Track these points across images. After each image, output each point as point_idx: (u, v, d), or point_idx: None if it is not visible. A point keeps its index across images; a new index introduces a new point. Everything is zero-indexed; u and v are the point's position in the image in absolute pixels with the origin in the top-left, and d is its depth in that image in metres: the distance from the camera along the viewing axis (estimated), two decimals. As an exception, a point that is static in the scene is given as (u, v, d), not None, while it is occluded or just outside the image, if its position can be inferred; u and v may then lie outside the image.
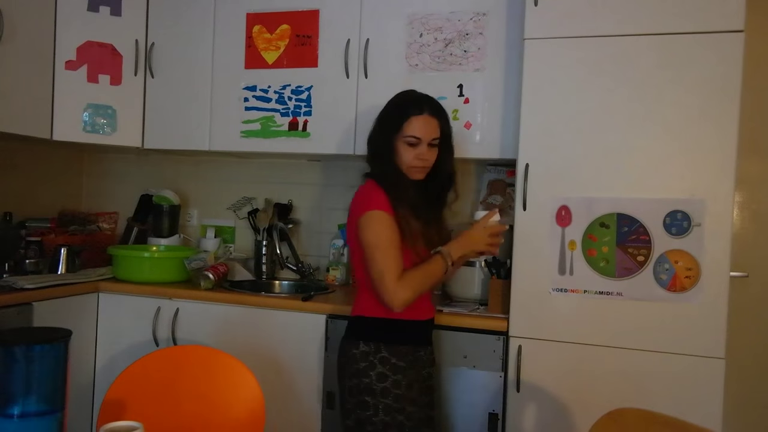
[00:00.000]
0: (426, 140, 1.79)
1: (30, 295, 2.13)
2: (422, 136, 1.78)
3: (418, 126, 1.78)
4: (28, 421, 0.96)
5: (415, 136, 1.78)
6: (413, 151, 1.79)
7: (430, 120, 1.80)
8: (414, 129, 1.78)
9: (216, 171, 3.03)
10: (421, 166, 1.81)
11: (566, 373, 1.98)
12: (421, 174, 1.83)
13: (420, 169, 1.82)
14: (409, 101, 1.84)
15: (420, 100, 1.83)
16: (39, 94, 2.45)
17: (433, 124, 1.80)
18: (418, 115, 1.79)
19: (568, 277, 1.97)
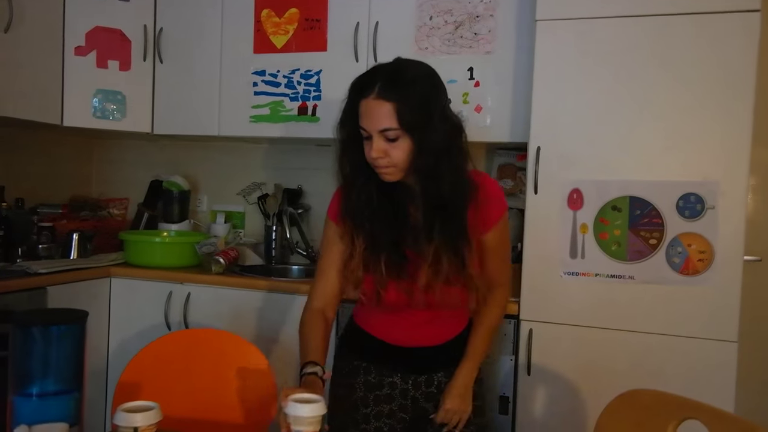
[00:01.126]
0: (374, 131, 1.31)
1: (43, 279, 2.15)
2: (368, 125, 1.32)
3: (365, 111, 1.32)
4: (46, 401, 0.98)
5: (363, 127, 1.33)
6: (366, 146, 1.35)
7: (380, 105, 1.29)
8: (361, 117, 1.34)
9: (225, 156, 3.03)
10: (382, 165, 1.33)
11: (577, 357, 1.98)
12: (390, 176, 1.35)
13: (382, 171, 1.35)
14: (360, 78, 1.37)
15: (371, 77, 1.34)
16: (49, 80, 2.46)
17: (381, 109, 1.29)
18: (365, 98, 1.32)
19: (580, 260, 1.96)
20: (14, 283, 2.05)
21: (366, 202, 1.40)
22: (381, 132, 1.31)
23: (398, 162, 1.33)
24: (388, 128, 1.30)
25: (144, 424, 1.06)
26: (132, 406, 1.09)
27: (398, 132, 1.31)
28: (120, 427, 1.06)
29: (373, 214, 1.40)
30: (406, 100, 1.30)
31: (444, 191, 1.34)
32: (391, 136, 1.31)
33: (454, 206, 1.36)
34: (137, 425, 1.05)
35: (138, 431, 1.05)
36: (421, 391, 1.54)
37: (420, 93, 1.32)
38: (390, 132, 1.31)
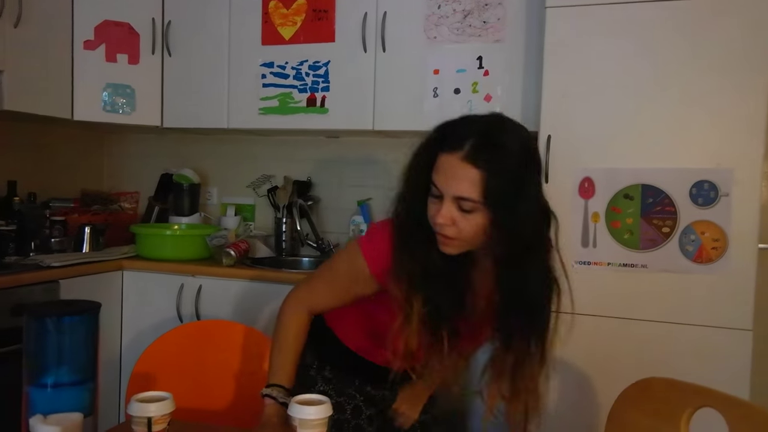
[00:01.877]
0: (449, 195, 1.11)
1: (56, 272, 2.17)
2: (443, 187, 1.11)
3: (444, 169, 1.11)
4: (61, 391, 0.98)
5: (435, 183, 1.13)
6: (435, 206, 1.14)
7: (465, 168, 1.08)
8: (437, 174, 1.13)
9: (235, 149, 3.03)
10: (444, 234, 1.14)
11: (590, 346, 1.96)
12: (448, 248, 1.16)
13: (443, 240, 1.15)
14: (450, 128, 1.16)
15: (462, 129, 1.12)
16: (59, 75, 2.47)
17: (467, 174, 1.08)
18: (450, 153, 1.10)
19: (592, 249, 1.95)
20: (27, 277, 2.06)
21: (426, 267, 1.18)
22: (456, 198, 1.11)
23: (465, 237, 1.13)
24: (467, 198, 1.10)
25: (158, 414, 1.06)
26: (146, 397, 1.10)
27: (476, 205, 1.10)
28: (134, 417, 1.07)
29: (435, 281, 1.18)
30: (497, 172, 1.08)
31: (528, 291, 1.17)
32: (466, 207, 1.11)
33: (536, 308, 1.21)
34: (151, 415, 1.06)
35: (152, 421, 1.05)
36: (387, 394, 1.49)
37: (516, 167, 1.09)
38: (466, 203, 1.10)
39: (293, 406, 1.09)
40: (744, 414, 1.02)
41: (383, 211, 2.80)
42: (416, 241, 1.18)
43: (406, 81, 2.39)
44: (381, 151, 2.82)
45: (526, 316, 1.18)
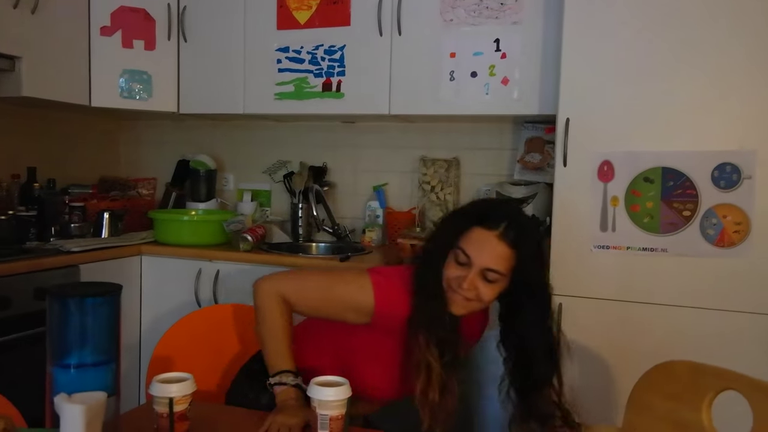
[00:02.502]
0: (478, 265, 1.27)
1: (76, 257, 2.19)
2: (475, 256, 1.27)
3: (478, 241, 1.28)
4: (84, 371, 0.99)
5: (466, 252, 1.28)
6: (457, 271, 1.29)
7: (499, 244, 1.26)
8: (468, 243, 1.28)
9: (251, 135, 3.04)
10: (462, 295, 1.29)
11: (608, 331, 1.95)
12: (459, 307, 1.31)
13: (461, 301, 1.30)
14: (487, 208, 1.35)
15: (500, 214, 1.31)
16: (76, 61, 2.48)
17: (501, 250, 1.26)
18: (485, 230, 1.28)
19: (611, 233, 1.93)
20: (48, 261, 2.09)
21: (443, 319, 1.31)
22: (485, 270, 1.27)
23: (482, 301, 1.30)
24: (496, 271, 1.27)
25: (179, 394, 1.08)
26: (167, 377, 1.11)
27: (501, 278, 1.28)
28: (156, 397, 1.08)
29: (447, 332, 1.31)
30: (525, 253, 1.28)
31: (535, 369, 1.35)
32: (491, 277, 1.27)
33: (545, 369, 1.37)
34: (172, 395, 1.07)
35: (173, 401, 1.07)
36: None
37: (540, 254, 1.35)
38: (493, 274, 1.27)
39: (313, 387, 1.10)
40: (767, 397, 1.01)
41: (399, 196, 2.80)
42: (436, 296, 1.30)
43: (422, 65, 2.37)
44: (396, 136, 2.80)
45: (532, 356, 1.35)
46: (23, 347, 1.94)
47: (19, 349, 1.94)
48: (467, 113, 2.36)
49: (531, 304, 1.32)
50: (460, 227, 1.31)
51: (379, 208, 2.79)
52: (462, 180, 2.72)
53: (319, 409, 1.08)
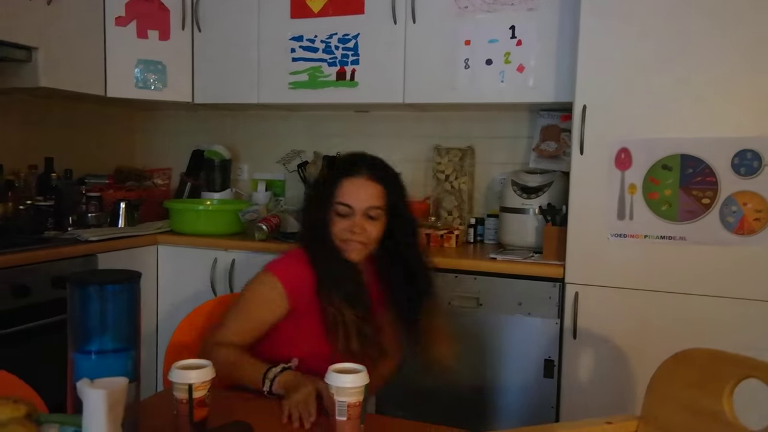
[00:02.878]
0: (360, 208, 1.41)
1: (94, 247, 2.21)
2: (354, 203, 1.41)
3: (352, 189, 1.42)
4: (104, 358, 1.00)
5: (345, 203, 1.41)
6: (344, 222, 1.43)
7: (369, 184, 1.42)
8: (345, 194, 1.42)
9: (265, 125, 3.04)
10: (356, 240, 1.42)
11: (625, 320, 1.94)
12: (358, 253, 1.44)
13: (355, 246, 1.43)
14: (346, 161, 1.50)
15: (359, 160, 1.47)
16: (92, 51, 2.49)
17: (372, 189, 1.42)
18: (353, 177, 1.42)
19: (628, 222, 1.91)
20: (67, 250, 2.11)
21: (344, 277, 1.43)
22: (368, 209, 1.42)
23: (371, 240, 1.44)
24: (376, 207, 1.43)
25: (198, 381, 1.08)
26: (186, 364, 1.12)
27: (380, 213, 1.44)
28: (175, 384, 1.09)
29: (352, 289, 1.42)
30: (391, 187, 1.46)
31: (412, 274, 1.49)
32: (373, 214, 1.43)
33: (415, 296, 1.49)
34: (192, 382, 1.08)
35: (192, 388, 1.07)
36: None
37: (401, 185, 1.50)
38: (375, 211, 1.43)
39: (330, 374, 1.10)
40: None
41: (413, 185, 2.79)
42: (332, 258, 1.43)
43: (437, 53, 2.36)
44: (410, 125, 2.79)
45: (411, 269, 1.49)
46: (42, 335, 1.97)
47: (38, 336, 1.96)
48: (482, 101, 2.35)
49: (402, 229, 1.48)
50: (330, 187, 1.44)
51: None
52: (477, 169, 2.70)
53: (336, 395, 1.09)
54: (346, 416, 1.08)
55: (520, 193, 2.32)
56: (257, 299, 1.45)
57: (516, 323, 2.08)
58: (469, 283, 2.13)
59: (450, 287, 2.15)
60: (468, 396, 2.14)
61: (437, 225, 2.51)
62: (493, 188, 2.68)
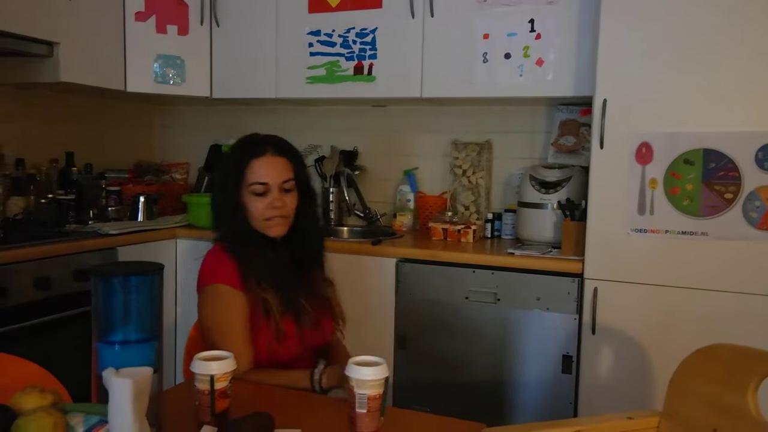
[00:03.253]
0: (275, 184, 1.46)
1: (114, 240, 2.23)
2: (269, 179, 1.45)
3: (262, 169, 1.46)
4: (128, 348, 1.01)
5: (260, 182, 1.45)
6: (263, 201, 1.46)
7: (277, 160, 1.48)
8: (257, 174, 1.46)
9: (282, 119, 3.05)
10: (278, 215, 1.47)
11: (645, 316, 1.92)
12: (281, 227, 1.49)
13: (279, 221, 1.48)
14: (247, 144, 1.53)
15: (261, 141, 1.52)
16: (112, 47, 2.51)
17: (281, 164, 1.48)
18: (260, 157, 1.46)
19: (648, 217, 1.89)
20: (88, 243, 2.13)
21: (268, 260, 1.47)
22: (283, 182, 1.47)
23: (290, 212, 1.49)
24: (289, 179, 1.48)
25: (219, 372, 1.09)
26: (208, 356, 1.13)
27: (293, 183, 1.49)
28: (197, 375, 1.10)
29: (277, 269, 1.47)
30: (298, 160, 1.54)
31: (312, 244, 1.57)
32: (288, 187, 1.48)
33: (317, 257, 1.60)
34: (213, 373, 1.09)
35: (214, 379, 1.08)
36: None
37: (301, 157, 1.57)
38: (288, 183, 1.48)
39: (351, 366, 1.10)
40: (817, 382, 0.98)
41: (430, 180, 2.78)
42: (252, 245, 1.46)
43: (455, 47, 2.35)
44: (428, 120, 2.79)
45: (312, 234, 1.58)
46: (64, 327, 1.99)
47: (60, 328, 1.99)
48: (501, 96, 2.33)
49: (306, 198, 1.54)
50: (240, 171, 1.47)
51: (410, 192, 2.79)
52: (494, 164, 2.69)
53: (357, 388, 1.09)
54: (366, 408, 1.09)
55: (538, 188, 2.31)
56: (231, 313, 1.43)
57: (534, 318, 2.07)
58: (487, 278, 2.12)
59: (467, 282, 2.14)
60: (485, 391, 2.14)
61: (454, 220, 2.50)
62: (511, 183, 2.66)
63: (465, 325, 2.15)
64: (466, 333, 2.15)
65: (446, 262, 2.18)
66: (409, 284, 2.22)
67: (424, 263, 2.20)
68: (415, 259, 2.22)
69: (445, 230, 2.43)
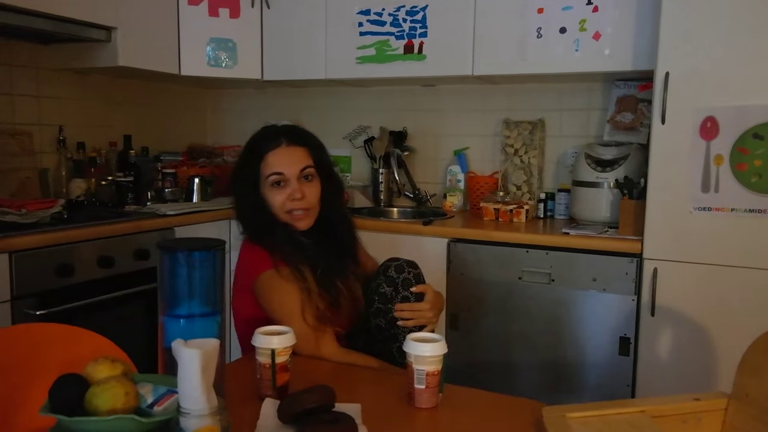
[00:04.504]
0: (293, 174, 1.43)
1: (172, 220, 2.29)
2: (285, 169, 1.43)
3: (277, 159, 1.43)
4: (192, 322, 1.03)
5: (276, 171, 1.42)
6: (283, 192, 1.44)
7: (293, 149, 1.44)
8: (273, 165, 1.43)
9: (331, 101, 3.05)
10: (301, 207, 1.44)
11: (708, 297, 1.86)
12: (306, 220, 1.46)
13: (302, 214, 1.45)
14: (261, 138, 1.49)
15: (274, 132, 1.48)
16: (166, 31, 2.55)
17: (297, 153, 1.45)
18: (275, 149, 1.43)
19: (713, 194, 1.82)
20: (147, 224, 2.19)
21: (300, 245, 1.45)
22: (301, 171, 1.44)
23: (313, 203, 1.46)
24: (308, 166, 1.45)
25: (280, 346, 1.11)
26: (269, 330, 1.15)
27: (313, 171, 1.47)
28: (258, 348, 1.12)
29: (311, 254, 1.45)
30: (313, 146, 1.49)
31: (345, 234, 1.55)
32: (307, 174, 1.45)
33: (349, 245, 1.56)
34: (274, 347, 1.10)
35: (275, 352, 1.10)
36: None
37: (320, 143, 1.53)
38: (308, 170, 1.45)
39: (409, 342, 1.10)
40: None
41: (481, 160, 2.74)
42: (280, 234, 1.44)
43: (508, 22, 2.29)
44: (478, 99, 2.75)
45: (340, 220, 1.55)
46: (126, 304, 2.06)
47: (122, 305, 2.06)
48: (555, 72, 2.28)
49: (330, 185, 1.51)
50: (255, 167, 1.44)
51: (461, 172, 2.76)
52: (547, 142, 2.64)
53: (415, 364, 1.09)
54: (425, 384, 1.09)
55: (594, 166, 2.25)
56: (283, 297, 1.41)
57: (590, 299, 2.03)
58: (541, 258, 2.09)
59: (520, 262, 2.11)
60: (540, 373, 2.11)
61: (506, 200, 2.47)
62: (564, 162, 2.61)
63: (518, 305, 2.13)
64: (519, 313, 2.13)
65: (499, 242, 2.15)
66: (460, 264, 2.21)
67: (476, 243, 2.18)
68: (467, 239, 2.20)
69: (496, 210, 2.40)
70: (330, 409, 1.00)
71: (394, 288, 1.47)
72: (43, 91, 2.49)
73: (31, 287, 1.81)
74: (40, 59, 2.45)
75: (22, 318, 1.77)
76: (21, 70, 2.40)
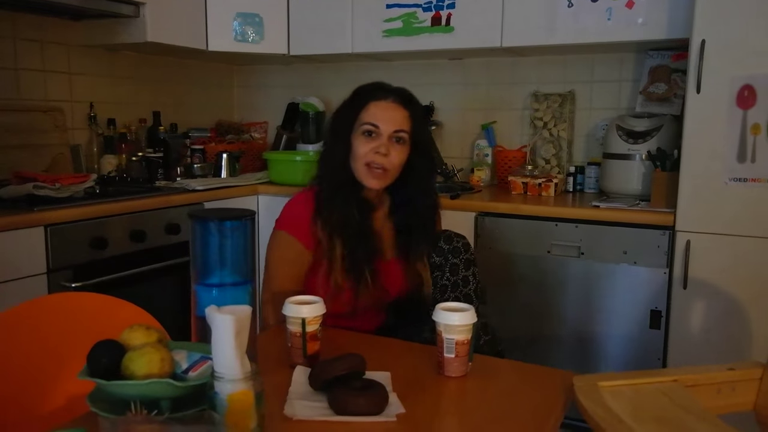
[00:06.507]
0: (387, 130, 1.40)
1: (201, 195, 2.32)
2: (381, 123, 1.40)
3: (378, 111, 1.41)
4: (224, 290, 1.05)
5: (373, 123, 1.40)
6: (370, 143, 1.41)
7: (397, 108, 1.42)
8: (372, 114, 1.41)
9: (358, 76, 2.99)
10: (381, 164, 1.41)
11: (742, 269, 1.83)
12: (380, 180, 1.42)
13: (378, 172, 1.41)
14: (372, 86, 1.48)
15: (387, 87, 1.47)
16: (194, 6, 2.55)
17: (399, 113, 1.42)
18: (380, 100, 1.42)
19: (749, 165, 1.78)
20: (176, 198, 2.22)
21: (348, 217, 1.42)
22: (395, 131, 1.41)
23: (395, 164, 1.42)
24: (403, 130, 1.42)
25: (310, 315, 1.12)
26: (299, 300, 1.16)
27: (406, 137, 1.42)
28: (289, 317, 1.13)
29: (354, 233, 1.42)
30: (416, 114, 1.46)
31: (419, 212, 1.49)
32: (400, 136, 1.41)
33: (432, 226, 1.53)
34: (304, 316, 1.12)
35: (305, 321, 1.11)
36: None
37: (424, 117, 1.52)
38: (402, 133, 1.42)
39: (438, 312, 1.10)
40: None
41: (509, 133, 2.71)
42: (342, 195, 1.41)
43: (537, -9, 2.24)
44: (506, 72, 2.70)
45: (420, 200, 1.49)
46: (157, 277, 2.10)
47: (153, 279, 2.10)
48: (587, 42, 2.23)
49: (422, 162, 1.47)
50: (356, 111, 1.43)
51: (488, 146, 2.73)
52: (577, 115, 2.59)
53: (444, 333, 1.09)
54: (454, 353, 1.09)
55: (625, 138, 2.21)
56: (280, 264, 1.45)
57: (621, 272, 2.01)
58: (570, 232, 2.07)
59: (549, 235, 2.09)
60: (569, 346, 2.11)
61: (535, 173, 2.44)
62: (594, 135, 2.56)
63: (547, 278, 2.11)
64: (548, 287, 2.11)
65: (527, 215, 2.13)
66: (489, 238, 2.20)
67: (504, 216, 2.17)
68: (495, 213, 2.18)
69: (525, 184, 2.37)
70: (360, 377, 1.01)
71: (443, 257, 1.51)
72: (74, 68, 2.52)
73: (66, 260, 1.86)
74: (70, 36, 2.47)
75: (58, 290, 1.81)
76: (53, 47, 2.43)
